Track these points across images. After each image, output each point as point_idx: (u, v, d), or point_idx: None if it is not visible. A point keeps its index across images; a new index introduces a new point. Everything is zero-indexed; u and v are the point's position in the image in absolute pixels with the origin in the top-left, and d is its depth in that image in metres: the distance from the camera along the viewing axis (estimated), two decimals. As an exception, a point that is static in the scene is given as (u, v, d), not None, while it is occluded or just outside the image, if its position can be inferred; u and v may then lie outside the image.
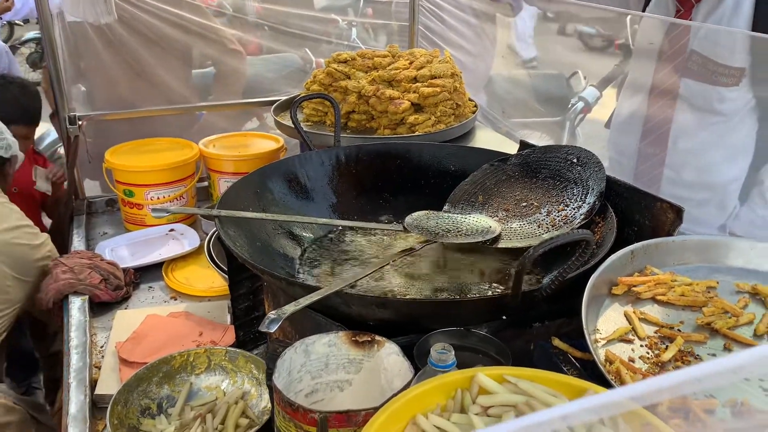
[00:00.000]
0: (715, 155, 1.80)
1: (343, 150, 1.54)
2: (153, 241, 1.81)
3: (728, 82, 1.70)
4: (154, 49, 2.26)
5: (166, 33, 2.28)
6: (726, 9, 1.68)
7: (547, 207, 1.28)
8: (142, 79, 2.27)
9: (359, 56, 2.01)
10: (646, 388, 0.40)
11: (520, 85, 3.28)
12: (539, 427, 0.39)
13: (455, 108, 1.90)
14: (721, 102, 1.74)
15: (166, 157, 1.88)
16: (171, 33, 2.29)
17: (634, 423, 0.71)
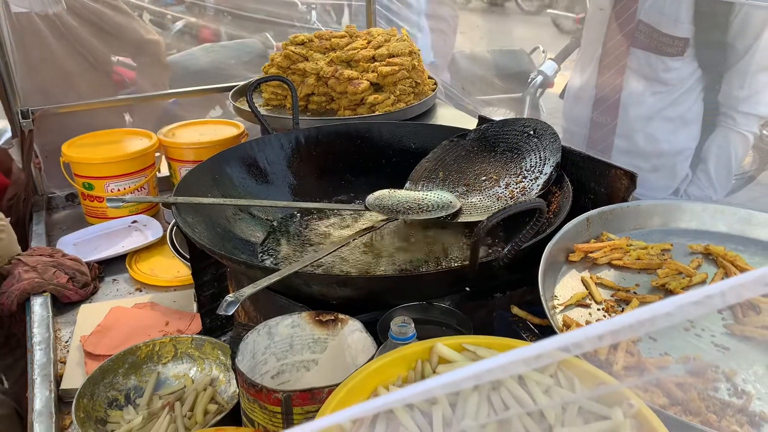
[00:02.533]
0: (663, 124, 1.85)
1: (302, 132, 1.54)
2: (115, 234, 1.78)
3: (673, 51, 1.75)
4: (108, 38, 2.22)
5: (117, 22, 2.23)
6: None
7: (506, 179, 1.29)
8: (97, 70, 2.22)
9: (316, 38, 2.00)
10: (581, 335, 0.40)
11: (483, 62, 3.29)
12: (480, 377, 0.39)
13: (414, 86, 1.90)
14: (666, 71, 1.78)
15: (125, 147, 1.85)
16: (122, 22, 2.25)
17: (590, 383, 0.73)
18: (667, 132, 1.86)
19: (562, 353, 0.36)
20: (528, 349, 0.37)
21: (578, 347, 0.38)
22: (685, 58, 1.76)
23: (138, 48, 2.36)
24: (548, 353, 0.36)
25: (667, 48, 1.75)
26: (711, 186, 1.84)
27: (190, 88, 2.25)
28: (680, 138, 1.87)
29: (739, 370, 0.80)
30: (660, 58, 1.78)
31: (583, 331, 0.39)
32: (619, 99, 1.89)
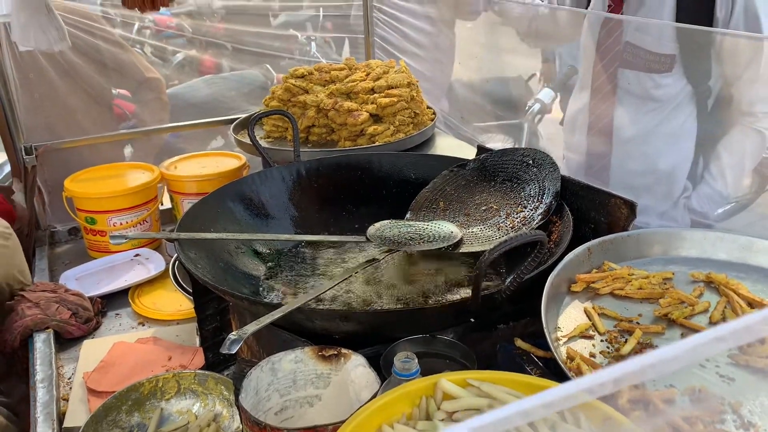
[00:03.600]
0: (656, 141, 1.89)
1: (303, 164, 1.55)
2: (118, 268, 1.79)
3: (661, 68, 1.81)
4: (110, 75, 2.25)
5: (120, 59, 2.26)
6: (652, 2, 1.80)
7: (506, 209, 1.30)
8: (99, 105, 2.25)
9: (316, 70, 2.02)
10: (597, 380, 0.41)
11: (480, 90, 3.32)
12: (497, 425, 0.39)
13: (413, 117, 1.92)
14: (656, 88, 1.83)
15: (127, 181, 1.86)
16: (125, 59, 2.28)
17: (595, 418, 0.72)
18: (662, 149, 1.89)
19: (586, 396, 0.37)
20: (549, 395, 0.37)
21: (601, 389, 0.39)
22: (674, 74, 1.81)
23: (139, 85, 2.39)
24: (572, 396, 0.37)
25: (655, 65, 1.81)
26: (723, 179, 1.84)
27: (192, 122, 2.28)
28: (675, 154, 1.91)
29: (745, 402, 0.80)
30: (649, 76, 1.83)
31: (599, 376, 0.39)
32: (612, 120, 1.94)
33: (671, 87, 1.83)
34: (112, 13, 3.11)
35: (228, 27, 4.04)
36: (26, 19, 1.79)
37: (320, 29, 4.52)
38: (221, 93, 3.57)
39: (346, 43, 4.17)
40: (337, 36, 4.21)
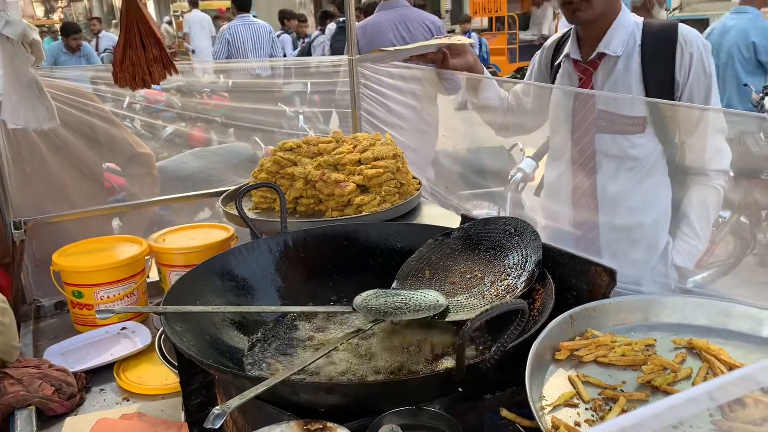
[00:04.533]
0: (639, 196, 2.01)
1: (290, 235, 1.57)
2: (104, 342, 1.77)
3: (635, 130, 1.96)
4: (101, 150, 2.29)
5: (111, 134, 2.32)
6: (619, 71, 1.97)
7: (491, 277, 1.32)
8: (90, 179, 2.28)
9: (304, 143, 2.07)
10: None
11: (464, 159, 3.40)
12: None
13: (399, 187, 1.96)
14: (632, 148, 1.97)
15: (115, 254, 1.87)
16: (116, 134, 2.33)
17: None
18: (645, 203, 2.01)
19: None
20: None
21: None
22: (646, 134, 1.96)
23: (130, 160, 2.43)
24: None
25: (630, 127, 1.95)
26: (696, 236, 1.99)
27: (181, 195, 2.31)
28: (657, 207, 2.03)
29: (729, 469, 0.80)
30: (625, 137, 1.96)
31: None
32: (594, 181, 2.04)
33: (646, 146, 1.97)
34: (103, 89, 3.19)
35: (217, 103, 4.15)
36: (17, 98, 1.84)
37: (308, 102, 4.65)
38: (210, 166, 3.63)
39: (333, 115, 4.29)
40: (325, 110, 4.32)
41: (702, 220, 1.99)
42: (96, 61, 9.39)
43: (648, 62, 1.94)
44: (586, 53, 2.04)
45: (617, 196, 2.03)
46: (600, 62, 2.01)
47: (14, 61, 1.73)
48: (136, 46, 1.92)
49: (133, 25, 1.91)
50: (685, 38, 1.91)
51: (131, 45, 1.92)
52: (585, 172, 2.05)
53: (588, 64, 2.03)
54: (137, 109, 4.72)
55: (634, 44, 1.96)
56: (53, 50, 9.01)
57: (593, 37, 2.02)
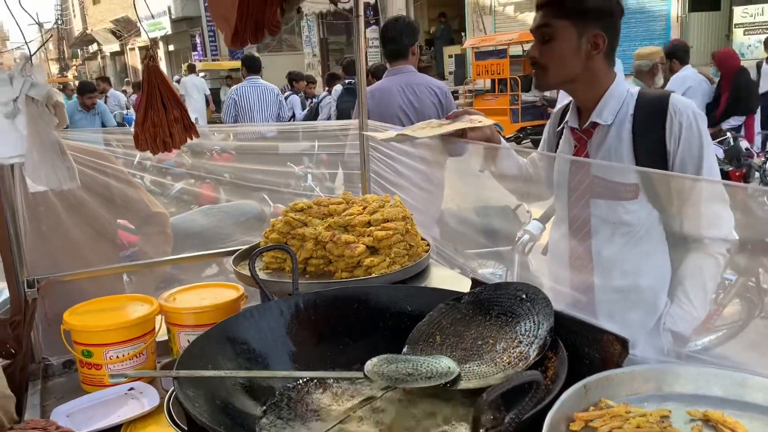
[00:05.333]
0: (635, 259, 2.04)
1: (301, 298, 1.58)
2: (111, 402, 1.76)
3: (628, 196, 2.00)
4: (116, 210, 2.33)
5: (126, 194, 2.36)
6: (611, 139, 2.04)
7: (502, 344, 1.33)
8: (104, 238, 2.31)
9: (315, 204, 2.11)
10: None
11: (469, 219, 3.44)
12: None
13: (408, 248, 1.98)
14: (627, 213, 2.01)
15: (126, 314, 1.88)
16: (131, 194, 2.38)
17: None
18: (641, 266, 2.04)
19: None
20: None
21: None
22: (640, 201, 2.00)
23: (144, 220, 2.47)
24: None
25: (623, 194, 2.00)
26: (690, 304, 1.99)
27: (193, 254, 2.34)
28: (653, 270, 2.05)
29: None
30: (619, 203, 2.01)
31: None
32: (590, 245, 2.09)
33: (639, 212, 2.01)
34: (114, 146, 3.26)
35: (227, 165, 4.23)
36: (39, 158, 1.88)
37: (315, 162, 4.73)
38: (218, 223, 3.67)
39: (339, 174, 4.36)
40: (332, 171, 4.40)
41: (696, 288, 2.00)
42: (110, 117, 9.62)
43: (638, 131, 2.00)
44: (583, 121, 2.12)
45: (612, 259, 2.07)
46: (594, 131, 2.08)
47: (38, 123, 1.79)
48: (157, 108, 1.98)
49: (154, 87, 1.98)
50: (675, 108, 1.97)
51: (152, 107, 1.99)
52: (581, 236, 2.10)
53: (583, 132, 2.11)
54: (147, 166, 4.82)
55: (626, 113, 2.02)
56: (69, 108, 9.23)
57: (586, 105, 2.11)
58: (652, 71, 5.63)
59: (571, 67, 2.02)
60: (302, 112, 10.48)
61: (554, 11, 1.98)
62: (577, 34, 1.98)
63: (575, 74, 2.04)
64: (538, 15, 2.03)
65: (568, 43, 1.98)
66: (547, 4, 2.01)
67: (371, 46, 17.42)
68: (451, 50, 18.39)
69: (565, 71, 2.02)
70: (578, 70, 2.03)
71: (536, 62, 2.05)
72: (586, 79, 2.04)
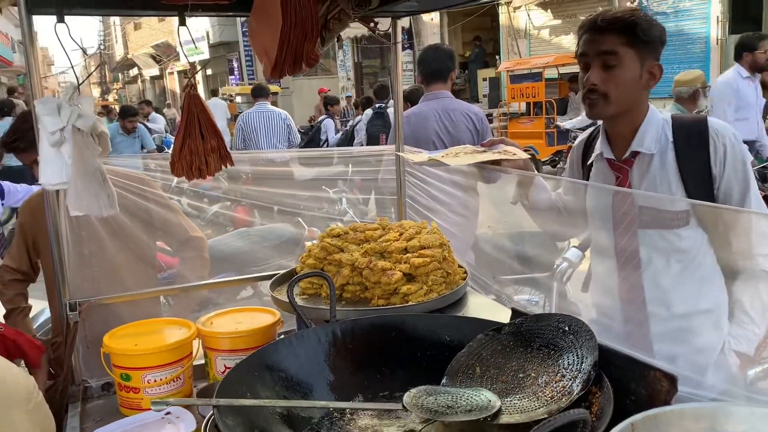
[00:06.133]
0: (692, 287, 1.98)
1: (338, 325, 1.58)
2: (149, 426, 1.76)
3: (679, 223, 1.94)
4: (155, 233, 2.37)
5: (166, 218, 2.40)
6: (655, 168, 1.97)
7: (544, 377, 1.30)
8: (143, 262, 2.35)
9: (351, 230, 2.11)
10: None
11: (505, 245, 3.40)
12: None
13: (446, 276, 1.96)
14: (680, 240, 1.95)
15: (164, 338, 1.90)
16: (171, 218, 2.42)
17: None
18: (699, 289, 1.98)
19: None
20: None
21: None
22: (691, 225, 1.94)
23: (183, 243, 2.51)
24: None
25: (674, 221, 1.94)
26: (752, 322, 1.93)
27: (229, 278, 2.36)
28: (713, 292, 2.00)
29: None
30: (671, 231, 1.94)
31: None
32: (641, 275, 2.01)
33: (693, 237, 1.96)
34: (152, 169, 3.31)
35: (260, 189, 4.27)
36: (81, 186, 1.93)
37: (349, 185, 4.75)
38: (253, 246, 3.70)
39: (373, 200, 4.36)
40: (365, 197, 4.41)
41: (755, 304, 1.95)
42: (149, 140, 9.83)
43: (683, 157, 1.95)
44: (619, 152, 2.05)
45: (668, 288, 2.00)
46: (635, 160, 2.01)
47: (83, 151, 1.83)
48: (195, 136, 2.02)
49: (194, 116, 2.01)
50: (716, 131, 1.93)
51: (191, 135, 2.02)
52: (631, 267, 2.04)
53: (623, 163, 2.04)
54: (184, 189, 4.90)
55: (667, 141, 1.98)
56: (110, 131, 9.47)
57: (623, 135, 2.03)
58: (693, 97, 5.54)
59: (632, 97, 1.97)
60: (336, 136, 10.57)
61: (621, 39, 1.91)
62: (640, 63, 1.94)
63: (633, 103, 1.98)
64: (600, 39, 1.95)
65: (632, 73, 1.93)
66: (613, 30, 1.93)
67: (405, 70, 17.57)
68: (485, 73, 18.41)
69: (626, 100, 1.96)
70: (636, 99, 1.99)
71: (595, 89, 1.96)
72: (635, 107, 2.00)
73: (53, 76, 42.15)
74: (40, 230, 2.32)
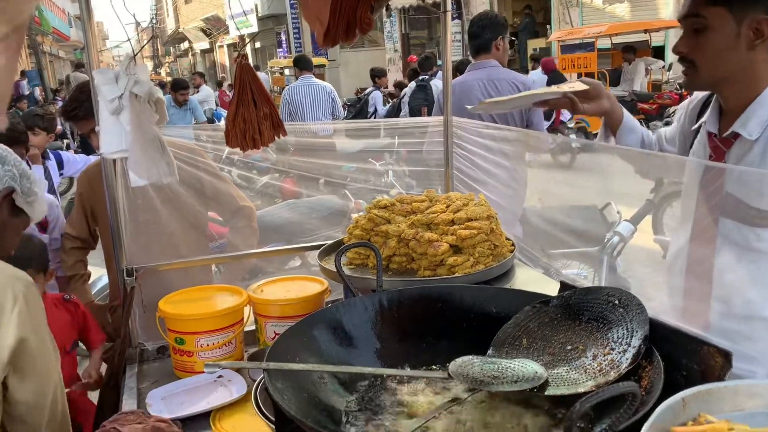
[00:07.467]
0: (761, 291, 1.80)
1: (385, 295, 1.59)
2: (201, 389, 1.83)
3: (762, 223, 1.73)
4: (207, 202, 2.43)
5: (217, 188, 2.45)
6: (754, 157, 1.74)
7: (593, 350, 1.28)
8: (195, 230, 2.42)
9: (398, 201, 2.12)
10: None
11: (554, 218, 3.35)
12: None
13: (493, 248, 1.95)
14: (758, 241, 1.76)
15: (217, 304, 1.96)
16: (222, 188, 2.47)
17: None
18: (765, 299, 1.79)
19: None
20: None
21: None
22: None
23: (233, 213, 2.56)
24: None
25: (757, 220, 1.73)
26: None
27: (279, 247, 2.40)
28: None
29: None
30: (751, 229, 1.75)
31: None
32: (712, 265, 1.85)
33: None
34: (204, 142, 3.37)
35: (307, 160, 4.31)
36: (141, 154, 1.99)
37: (396, 158, 4.75)
38: (301, 217, 3.75)
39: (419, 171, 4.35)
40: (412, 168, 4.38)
41: None
42: (200, 113, 10.01)
43: None
44: (723, 128, 1.82)
45: (735, 285, 1.83)
46: (734, 142, 1.78)
47: (140, 119, 1.88)
48: (248, 104, 2.04)
49: (246, 85, 2.04)
50: None
51: (243, 103, 2.05)
52: (703, 254, 1.87)
53: (721, 142, 1.82)
54: (234, 160, 4.99)
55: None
56: (163, 104, 9.70)
57: (732, 111, 1.79)
58: None
59: (728, 62, 1.72)
60: (384, 108, 10.54)
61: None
62: (736, 21, 1.66)
63: (732, 71, 1.73)
64: (687, 1, 1.74)
65: (724, 34, 1.68)
66: None
67: (453, 41, 17.28)
68: (535, 44, 17.97)
69: (721, 68, 1.72)
70: (736, 66, 1.72)
71: (684, 58, 1.77)
72: (743, 76, 1.73)
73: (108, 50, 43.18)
74: (98, 199, 2.41)
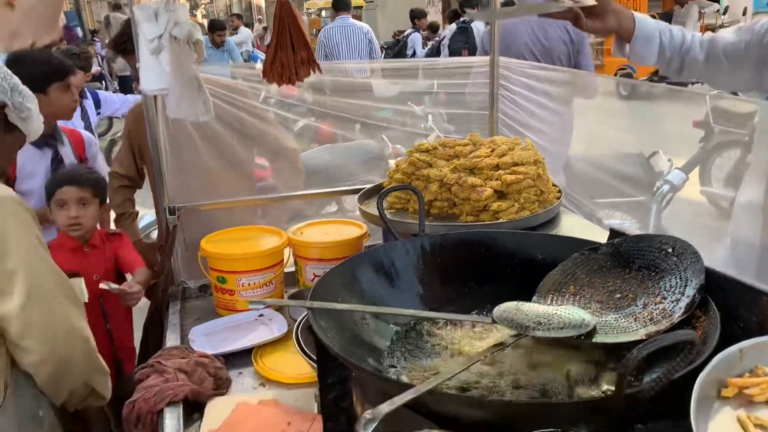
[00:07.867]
0: None
1: (427, 239, 1.56)
2: (243, 327, 1.86)
3: None
4: (249, 143, 2.42)
5: (259, 129, 2.43)
6: None
7: (643, 299, 1.24)
8: (236, 171, 2.41)
9: (441, 145, 2.07)
10: None
11: (599, 165, 3.26)
12: None
13: (539, 194, 1.90)
14: None
15: (258, 244, 1.96)
16: (264, 129, 2.45)
17: None
18: None
19: None
20: None
21: None
22: None
23: (276, 154, 2.55)
24: None
25: None
26: None
27: (321, 190, 2.39)
28: None
29: None
30: None
31: None
32: None
33: None
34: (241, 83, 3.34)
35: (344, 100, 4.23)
36: (179, 93, 1.97)
37: (434, 101, 4.63)
38: (339, 161, 3.72)
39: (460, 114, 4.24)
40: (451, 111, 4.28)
41: None
42: (237, 55, 9.94)
43: None
44: None
45: None
46: None
47: (180, 58, 1.86)
48: (286, 48, 2.00)
49: (285, 28, 1.99)
50: None
51: (282, 47, 2.01)
52: None
53: None
54: (271, 102, 4.94)
55: None
56: (200, 45, 9.64)
57: None
58: None
59: None
60: (423, 50, 10.30)
61: None
62: None
63: None
64: None
65: None
66: None
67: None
68: (582, -15, 17.23)
69: None
70: None
71: None
72: None
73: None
74: (144, 137, 2.41)
